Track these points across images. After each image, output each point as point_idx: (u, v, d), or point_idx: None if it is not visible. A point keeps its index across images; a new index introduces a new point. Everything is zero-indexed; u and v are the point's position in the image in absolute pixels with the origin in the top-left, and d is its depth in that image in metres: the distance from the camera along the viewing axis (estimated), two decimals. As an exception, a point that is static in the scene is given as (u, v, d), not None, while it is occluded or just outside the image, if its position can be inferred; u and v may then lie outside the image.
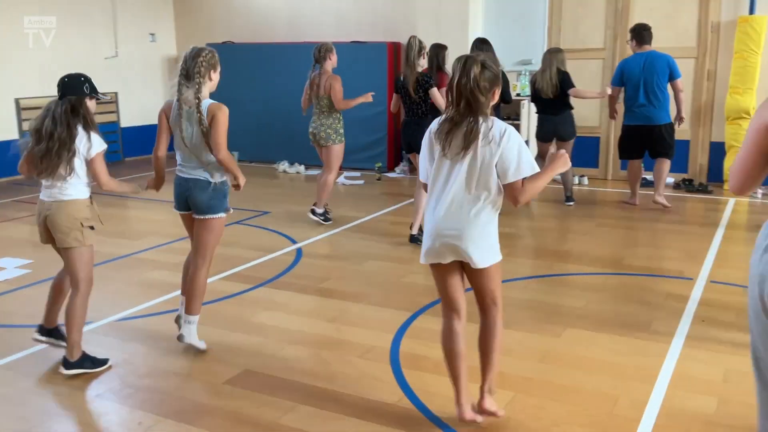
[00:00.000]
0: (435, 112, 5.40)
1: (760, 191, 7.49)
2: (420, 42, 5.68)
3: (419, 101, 5.69)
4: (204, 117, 3.38)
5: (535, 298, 4.56)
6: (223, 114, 3.41)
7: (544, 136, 7.06)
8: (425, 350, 3.67)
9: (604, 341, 3.79)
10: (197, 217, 3.54)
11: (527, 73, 8.46)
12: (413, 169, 9.43)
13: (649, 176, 7.49)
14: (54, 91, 3.41)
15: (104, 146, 3.42)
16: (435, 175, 2.71)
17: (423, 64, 5.73)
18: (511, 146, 2.60)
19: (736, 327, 3.93)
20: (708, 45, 7.86)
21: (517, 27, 8.73)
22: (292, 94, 9.14)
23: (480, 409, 2.88)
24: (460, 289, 2.83)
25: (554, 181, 6.68)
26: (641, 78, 6.66)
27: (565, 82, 6.82)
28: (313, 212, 6.46)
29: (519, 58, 8.58)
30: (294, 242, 5.91)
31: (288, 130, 9.74)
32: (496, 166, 2.61)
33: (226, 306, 4.43)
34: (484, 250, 2.69)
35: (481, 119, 2.60)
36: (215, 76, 3.50)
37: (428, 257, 2.77)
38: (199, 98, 3.41)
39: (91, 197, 3.46)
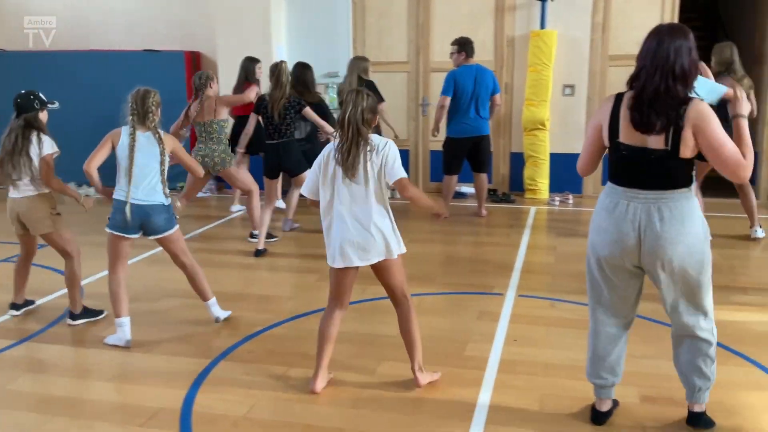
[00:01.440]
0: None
1: (557, 198, 7.86)
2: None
3: (288, 122, 5.71)
4: (165, 147, 3.89)
5: (347, 329, 4.23)
6: (177, 143, 4.08)
7: None
8: (223, 406, 3.19)
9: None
10: (158, 237, 3.97)
11: (334, 86, 8.26)
12: (221, 187, 8.85)
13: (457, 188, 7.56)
14: None
15: (55, 149, 4.09)
16: (338, 194, 3.15)
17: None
18: (393, 152, 3.15)
19: (547, 345, 3.89)
20: (504, 59, 8.13)
21: (322, 39, 8.48)
22: (79, 107, 8.16)
23: (417, 385, 3.34)
24: (352, 287, 3.38)
25: None
26: (473, 91, 6.71)
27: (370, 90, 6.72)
28: (252, 235, 6.23)
29: (325, 71, 8.34)
30: (75, 281, 5.11)
31: (75, 149, 8.65)
32: (384, 170, 3.12)
33: (-25, 372, 3.61)
34: (391, 244, 3.20)
35: (366, 141, 3.11)
36: (159, 112, 3.97)
37: (338, 263, 3.21)
38: (159, 132, 3.90)
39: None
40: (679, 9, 7.70)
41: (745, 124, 2.63)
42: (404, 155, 8.34)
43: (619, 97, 2.66)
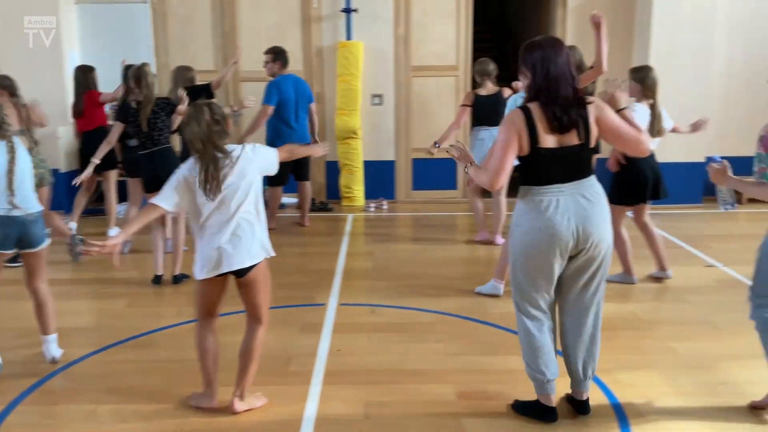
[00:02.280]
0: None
1: (373, 205, 8.06)
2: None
3: (160, 127, 5.18)
4: (19, 152, 3.58)
5: (160, 357, 3.99)
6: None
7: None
8: (20, 459, 2.84)
9: (242, 395, 3.41)
10: (33, 250, 3.70)
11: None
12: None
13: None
14: None
15: None
16: (210, 214, 3.02)
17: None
18: (263, 150, 3.18)
19: (369, 352, 3.95)
20: (314, 69, 8.18)
21: (121, 46, 7.95)
22: None
23: (231, 410, 3.19)
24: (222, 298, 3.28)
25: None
26: (295, 100, 6.71)
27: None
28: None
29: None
30: None
31: None
32: (258, 171, 3.10)
33: None
34: (256, 255, 3.14)
35: (224, 153, 3.04)
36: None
37: (209, 273, 3.08)
38: (12, 141, 3.58)
39: None
40: (473, 22, 8.24)
41: (630, 114, 3.00)
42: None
43: (525, 109, 2.83)
